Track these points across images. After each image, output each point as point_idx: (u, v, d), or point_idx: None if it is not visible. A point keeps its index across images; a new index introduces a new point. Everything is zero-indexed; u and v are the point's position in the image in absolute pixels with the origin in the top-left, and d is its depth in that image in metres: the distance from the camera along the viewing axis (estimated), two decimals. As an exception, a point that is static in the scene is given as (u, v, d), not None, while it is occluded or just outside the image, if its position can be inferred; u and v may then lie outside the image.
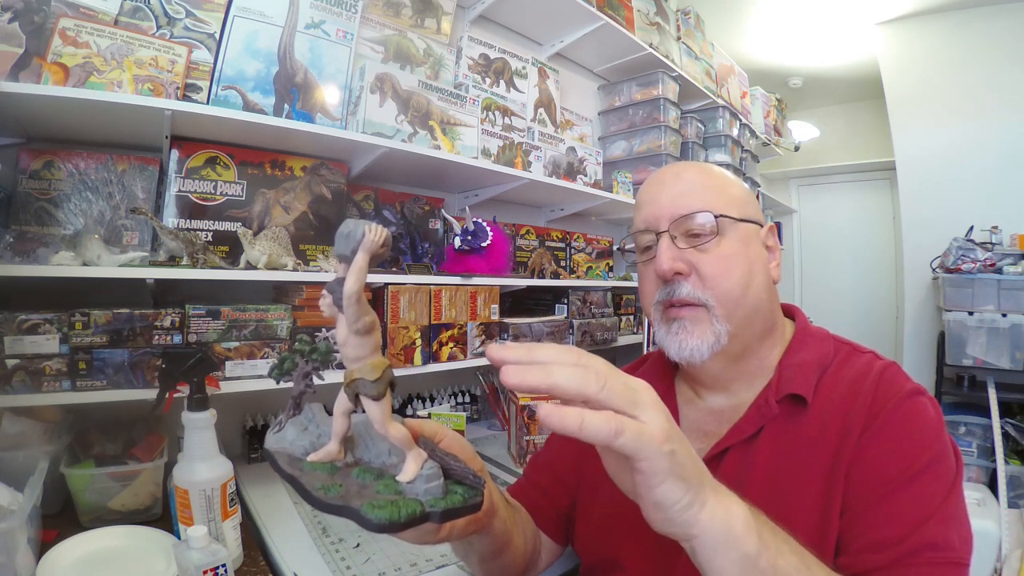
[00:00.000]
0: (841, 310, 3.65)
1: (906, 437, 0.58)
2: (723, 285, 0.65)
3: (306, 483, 0.44)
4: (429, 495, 0.44)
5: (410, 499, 0.43)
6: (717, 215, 0.66)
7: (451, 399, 1.69)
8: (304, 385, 0.48)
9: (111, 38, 1.00)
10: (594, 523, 0.74)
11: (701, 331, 0.65)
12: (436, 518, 0.43)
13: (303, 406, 0.51)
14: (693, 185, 0.69)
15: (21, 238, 0.97)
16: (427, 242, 1.53)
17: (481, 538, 0.63)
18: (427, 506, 0.43)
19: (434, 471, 0.45)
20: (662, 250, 0.66)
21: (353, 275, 0.40)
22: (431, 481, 0.44)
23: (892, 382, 0.62)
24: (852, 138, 3.71)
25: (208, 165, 1.15)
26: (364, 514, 0.40)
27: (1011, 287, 2.25)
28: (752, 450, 0.63)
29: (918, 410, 0.59)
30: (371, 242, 0.40)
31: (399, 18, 1.48)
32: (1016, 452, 2.18)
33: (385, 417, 0.44)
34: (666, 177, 0.72)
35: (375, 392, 0.43)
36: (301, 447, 0.48)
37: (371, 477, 0.46)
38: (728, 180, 0.72)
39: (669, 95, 2.12)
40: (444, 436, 0.57)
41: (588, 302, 1.81)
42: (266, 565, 0.87)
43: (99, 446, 0.97)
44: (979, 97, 2.65)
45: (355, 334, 0.42)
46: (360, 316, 0.42)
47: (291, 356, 0.49)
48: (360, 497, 0.42)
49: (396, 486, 0.44)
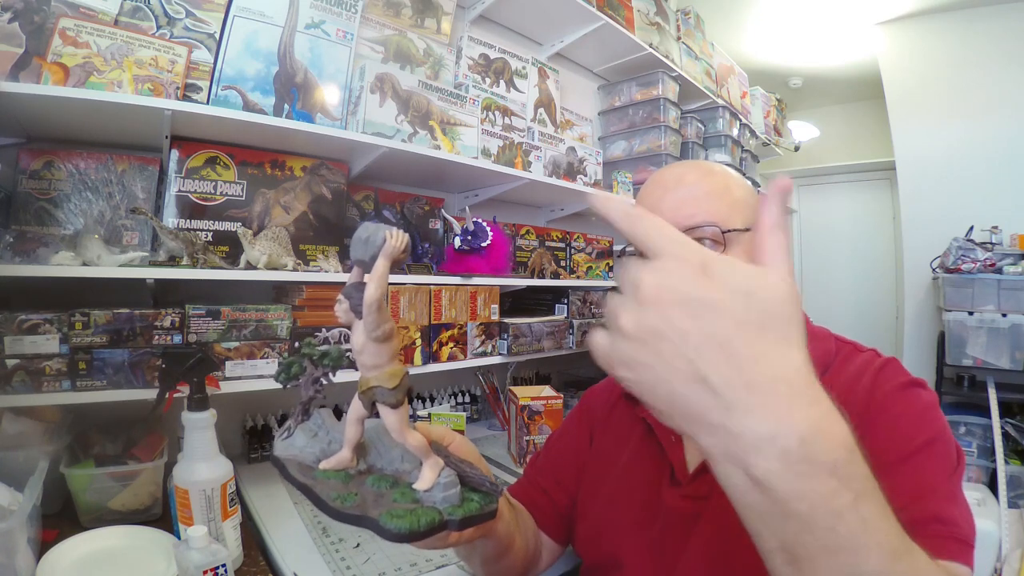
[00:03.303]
0: (841, 310, 3.65)
1: (903, 419, 0.57)
2: None
3: (321, 492, 0.43)
4: (447, 503, 0.43)
5: (428, 508, 0.42)
6: (725, 231, 0.63)
7: (451, 399, 1.69)
8: (314, 391, 0.47)
9: (111, 38, 1.00)
10: (594, 523, 0.74)
11: None
12: (455, 526, 0.42)
13: (312, 412, 0.50)
14: (695, 191, 0.66)
15: (21, 238, 0.97)
16: (427, 242, 1.53)
17: (485, 541, 0.62)
18: (445, 514, 0.42)
19: (451, 479, 0.44)
20: None
21: (374, 282, 0.39)
22: (449, 489, 0.43)
23: (891, 374, 0.62)
24: (852, 138, 3.71)
25: (208, 165, 1.15)
26: (383, 524, 0.40)
27: (1011, 287, 2.25)
28: None
29: (916, 397, 0.59)
30: (393, 248, 0.39)
31: (399, 18, 1.48)
32: (1016, 452, 2.18)
33: (403, 425, 0.43)
34: (667, 181, 0.68)
35: (393, 400, 0.42)
36: (312, 454, 0.48)
37: (386, 485, 0.45)
38: (731, 181, 0.69)
39: (669, 95, 2.12)
40: (452, 440, 0.56)
41: (588, 302, 1.81)
42: (266, 565, 0.87)
43: (99, 446, 0.97)
44: (979, 97, 2.65)
45: (374, 341, 0.42)
46: (380, 324, 0.41)
47: (299, 360, 0.47)
48: (377, 507, 0.42)
49: (413, 494, 0.43)
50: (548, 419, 1.30)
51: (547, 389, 1.38)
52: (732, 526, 0.60)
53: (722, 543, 0.60)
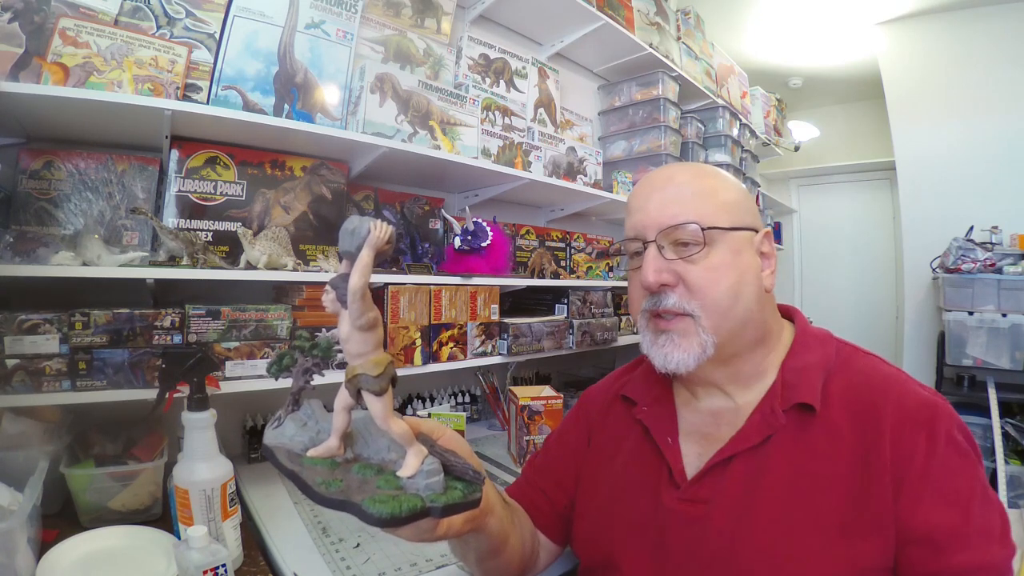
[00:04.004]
0: (841, 310, 3.65)
1: (952, 490, 0.57)
2: (710, 296, 0.63)
3: (306, 478, 0.44)
4: (429, 490, 0.44)
5: (411, 494, 0.44)
6: (705, 227, 0.64)
7: (451, 399, 1.69)
8: (304, 381, 0.49)
9: (111, 38, 1.00)
10: (591, 524, 0.74)
11: (687, 344, 0.64)
12: (437, 513, 0.43)
13: (302, 402, 0.51)
14: (682, 192, 0.66)
15: (21, 238, 0.97)
16: (427, 242, 1.53)
17: (478, 537, 0.63)
18: (427, 501, 0.43)
19: (434, 467, 0.45)
20: (648, 261, 0.65)
21: (358, 271, 0.41)
22: (431, 477, 0.45)
23: (912, 406, 0.60)
24: (852, 138, 3.71)
25: (208, 165, 1.15)
26: (365, 509, 0.41)
27: (1011, 287, 2.25)
28: (762, 460, 0.62)
29: (954, 453, 0.58)
30: (376, 239, 0.41)
31: (399, 18, 1.48)
32: (1016, 452, 2.18)
33: (387, 412, 0.44)
34: (656, 182, 0.70)
35: (377, 387, 0.43)
36: (300, 443, 0.49)
37: (371, 472, 0.46)
38: (721, 183, 0.69)
39: (669, 95, 2.12)
40: (443, 434, 0.57)
41: (588, 302, 1.81)
42: (266, 565, 0.87)
43: (99, 446, 0.97)
44: (979, 97, 2.65)
45: (358, 330, 0.43)
46: (364, 312, 0.42)
47: (290, 352, 0.49)
48: (361, 492, 0.43)
49: (397, 482, 0.45)
50: (548, 419, 1.30)
51: (547, 389, 1.38)
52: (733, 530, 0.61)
53: (724, 547, 0.60)
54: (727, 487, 0.62)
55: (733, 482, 0.62)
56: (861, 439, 0.59)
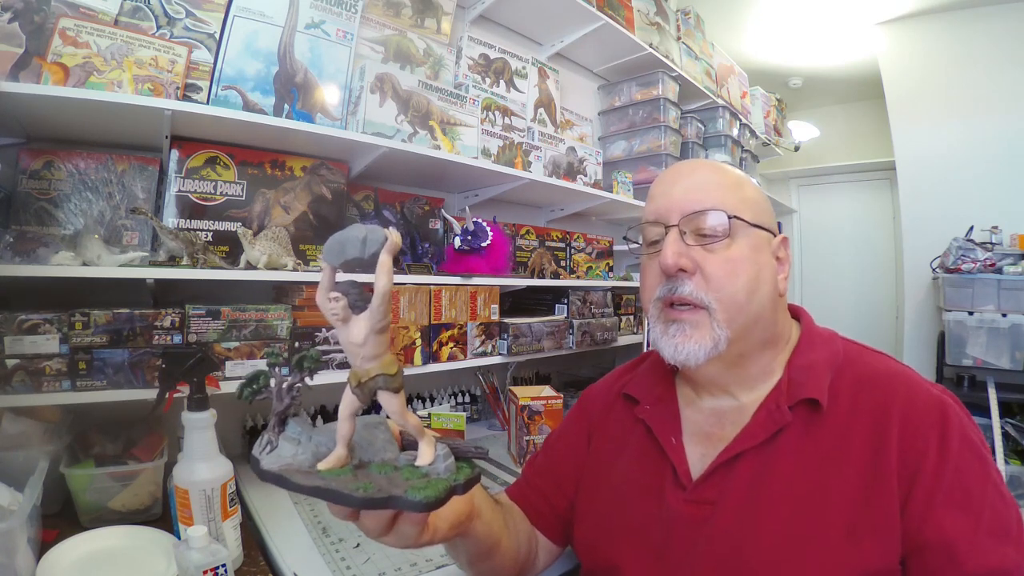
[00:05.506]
0: (841, 310, 3.64)
1: (967, 494, 0.56)
2: (727, 288, 0.62)
3: (340, 488, 0.44)
4: (448, 472, 0.47)
5: (436, 479, 0.46)
6: (731, 216, 0.63)
7: (451, 399, 1.69)
8: (290, 399, 0.48)
9: (111, 38, 1.00)
10: (593, 527, 0.74)
11: (700, 335, 0.62)
12: (460, 490, 0.46)
13: (288, 422, 0.50)
14: (708, 181, 0.66)
15: (21, 238, 0.97)
16: (427, 242, 1.53)
17: (465, 541, 0.62)
18: (451, 481, 0.46)
19: (447, 451, 0.49)
20: (668, 244, 0.64)
21: (385, 274, 0.42)
22: (447, 459, 0.48)
23: (921, 403, 0.60)
24: (852, 138, 3.71)
25: (208, 165, 1.15)
26: (412, 498, 0.43)
27: (1011, 287, 2.25)
28: (770, 458, 0.61)
29: (968, 454, 0.57)
30: (394, 244, 0.41)
31: (399, 18, 1.48)
32: (1016, 452, 2.18)
33: (403, 408, 0.46)
34: (682, 170, 0.70)
35: (396, 385, 0.45)
36: (305, 460, 0.48)
37: (390, 470, 0.48)
38: (745, 181, 0.69)
39: (669, 95, 2.12)
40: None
41: (588, 302, 1.81)
42: (266, 565, 0.87)
43: (99, 446, 0.97)
44: (979, 97, 2.65)
45: (377, 333, 0.43)
46: (387, 314, 0.43)
47: (263, 372, 0.48)
48: (395, 487, 0.45)
49: (419, 471, 0.47)
50: (548, 419, 1.30)
51: (547, 389, 1.38)
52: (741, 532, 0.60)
53: (731, 549, 0.59)
54: (733, 487, 0.62)
55: (739, 482, 0.62)
56: (869, 437, 0.58)
